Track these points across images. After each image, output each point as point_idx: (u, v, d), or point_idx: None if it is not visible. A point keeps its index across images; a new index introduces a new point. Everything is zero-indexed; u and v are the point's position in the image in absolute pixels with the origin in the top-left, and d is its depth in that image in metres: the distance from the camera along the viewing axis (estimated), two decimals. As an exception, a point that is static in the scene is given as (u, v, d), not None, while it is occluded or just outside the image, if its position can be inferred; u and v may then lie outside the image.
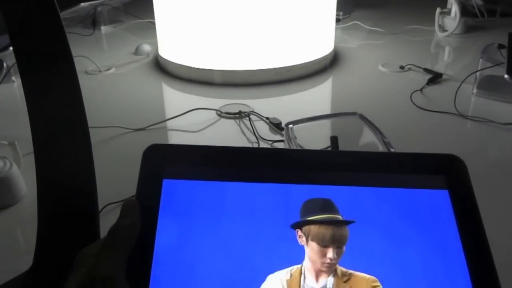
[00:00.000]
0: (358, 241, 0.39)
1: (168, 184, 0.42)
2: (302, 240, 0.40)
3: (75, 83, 0.56)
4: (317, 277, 0.39)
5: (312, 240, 0.39)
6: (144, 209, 0.40)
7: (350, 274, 0.39)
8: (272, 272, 0.38)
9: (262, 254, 0.39)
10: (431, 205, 0.41)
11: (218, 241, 0.40)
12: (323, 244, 0.39)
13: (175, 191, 0.42)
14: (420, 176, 0.42)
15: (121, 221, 0.38)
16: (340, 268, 0.39)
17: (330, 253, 0.39)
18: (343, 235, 0.39)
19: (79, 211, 0.59)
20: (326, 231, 0.40)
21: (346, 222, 0.40)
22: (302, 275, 0.39)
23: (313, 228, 0.40)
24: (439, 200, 0.41)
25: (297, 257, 0.39)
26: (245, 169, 0.42)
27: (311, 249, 0.39)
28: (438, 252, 0.39)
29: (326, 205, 0.41)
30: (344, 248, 0.39)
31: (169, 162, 0.43)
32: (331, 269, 0.39)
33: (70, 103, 0.56)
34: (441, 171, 0.42)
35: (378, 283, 0.38)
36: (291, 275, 0.39)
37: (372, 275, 0.38)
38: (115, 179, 1.00)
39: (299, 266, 0.39)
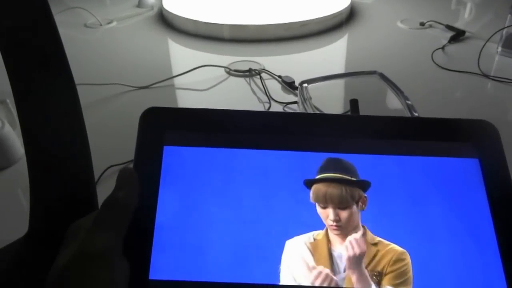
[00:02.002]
0: (383, 210, 0.39)
1: (169, 151, 0.40)
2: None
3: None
4: (343, 242, 0.39)
5: (313, 201, 0.39)
6: (143, 179, 0.38)
7: (379, 241, 0.39)
8: (290, 237, 0.38)
9: (277, 220, 0.38)
10: (460, 175, 0.40)
11: (227, 211, 0.39)
12: (321, 205, 0.39)
13: (177, 159, 0.40)
14: (448, 144, 0.41)
15: (116, 192, 0.36)
16: (370, 234, 0.39)
17: (331, 214, 0.39)
18: (336, 193, 0.39)
19: (72, 176, 0.57)
20: (320, 189, 0.39)
21: (341, 180, 0.40)
22: (328, 240, 0.39)
23: (314, 188, 0.40)
24: (468, 169, 0.40)
25: (316, 222, 0.39)
26: (255, 134, 0.41)
27: (318, 213, 0.39)
28: (467, 225, 0.38)
29: (335, 164, 0.40)
30: (352, 209, 0.39)
31: (170, 127, 0.41)
32: (342, 232, 0.39)
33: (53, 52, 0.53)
34: (471, 138, 0.41)
35: (406, 257, 0.38)
36: (314, 239, 0.39)
37: (399, 244, 0.38)
38: (117, 140, 0.98)
39: (321, 231, 0.39)
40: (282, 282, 0.37)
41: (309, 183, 0.40)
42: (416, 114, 0.91)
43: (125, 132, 1.01)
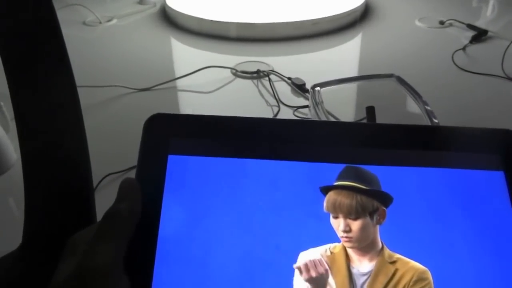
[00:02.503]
0: (403, 225, 0.39)
1: (174, 161, 0.40)
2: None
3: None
4: (360, 259, 0.39)
5: (326, 211, 0.39)
6: (145, 190, 0.38)
7: (398, 258, 0.38)
8: (304, 249, 0.38)
9: (289, 234, 0.38)
10: (484, 189, 0.40)
11: (235, 224, 0.39)
12: (333, 215, 0.39)
13: (183, 169, 0.40)
14: (471, 155, 0.41)
15: (118, 205, 0.36)
16: (388, 251, 0.39)
17: (341, 224, 0.39)
18: (346, 203, 0.39)
19: (71, 184, 0.57)
20: (330, 198, 0.39)
21: (352, 188, 0.40)
22: (346, 254, 0.39)
23: (326, 198, 0.40)
24: (493, 182, 0.40)
25: (332, 235, 0.39)
26: (267, 144, 0.41)
27: (331, 223, 0.39)
28: (491, 242, 0.38)
29: (351, 172, 0.40)
30: (365, 220, 0.39)
31: (176, 134, 0.41)
32: (356, 246, 0.39)
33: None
34: (496, 149, 0.41)
35: (428, 275, 0.37)
36: (331, 252, 0.39)
37: (419, 262, 0.38)
38: (116, 146, 0.98)
39: (338, 244, 0.39)
40: None
41: (324, 191, 0.40)
42: (436, 121, 0.91)
43: (125, 137, 1.01)
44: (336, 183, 0.40)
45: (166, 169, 0.40)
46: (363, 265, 0.39)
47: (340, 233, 0.39)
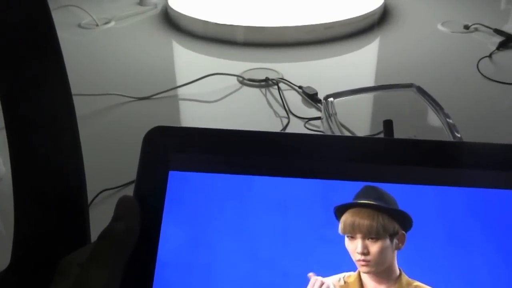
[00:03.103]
0: (422, 249, 0.39)
1: (175, 177, 0.40)
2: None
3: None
4: (377, 286, 0.39)
5: (342, 232, 0.39)
6: (144, 209, 0.38)
7: (417, 286, 0.38)
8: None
9: (299, 260, 0.38)
10: (510, 210, 0.39)
11: (240, 247, 0.39)
12: (349, 235, 0.39)
13: (184, 186, 0.40)
14: (498, 173, 0.40)
15: (115, 224, 0.37)
16: (406, 278, 0.39)
17: (358, 245, 0.39)
18: (364, 220, 0.39)
19: (63, 201, 0.57)
20: (348, 217, 0.39)
21: (369, 205, 0.40)
22: (360, 284, 0.39)
23: (342, 218, 0.39)
24: None
25: (347, 262, 0.39)
26: (275, 159, 0.41)
27: (346, 246, 0.39)
28: None
29: (371, 192, 0.40)
30: (385, 242, 0.39)
31: (177, 149, 0.41)
32: (373, 271, 0.39)
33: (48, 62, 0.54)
34: None
35: None
36: (344, 282, 0.39)
37: None
38: (112, 159, 0.98)
39: (353, 273, 0.39)
40: None
41: (340, 210, 0.40)
42: (458, 135, 0.91)
43: (122, 150, 1.02)
44: (355, 201, 0.40)
45: (167, 186, 0.40)
46: None
47: (356, 256, 0.39)
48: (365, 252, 0.39)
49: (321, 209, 0.40)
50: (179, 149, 0.41)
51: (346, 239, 0.39)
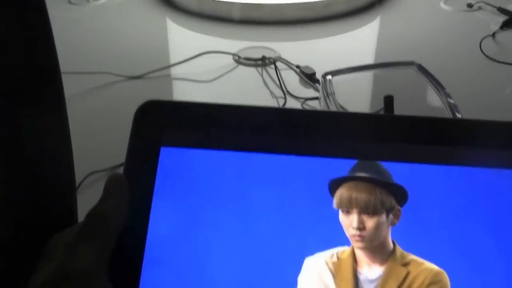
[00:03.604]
0: (419, 225, 0.39)
1: (167, 153, 0.40)
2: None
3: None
4: (370, 263, 0.39)
5: (337, 207, 0.39)
6: (134, 187, 0.38)
7: (412, 260, 0.39)
8: (310, 254, 0.38)
9: (295, 235, 0.39)
10: (508, 188, 0.40)
11: (234, 225, 0.39)
12: (345, 209, 0.39)
13: (176, 163, 0.40)
14: (499, 152, 0.41)
15: (103, 202, 0.37)
16: (400, 250, 0.39)
17: (354, 220, 0.39)
18: (361, 195, 0.39)
19: (48, 182, 0.56)
20: (344, 191, 0.39)
21: (369, 179, 0.40)
22: (354, 259, 0.39)
23: (337, 192, 0.40)
24: None
25: (342, 237, 0.39)
26: (271, 136, 0.41)
27: (341, 221, 0.39)
28: None
29: (368, 166, 0.41)
30: (381, 218, 0.39)
31: (170, 124, 0.41)
32: (367, 246, 0.39)
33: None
34: None
35: (442, 278, 0.38)
36: (338, 258, 0.39)
37: (436, 263, 0.38)
38: (102, 140, 0.98)
39: (346, 248, 0.39)
40: None
41: (336, 184, 0.40)
42: (459, 116, 0.91)
43: (112, 131, 1.01)
44: (351, 175, 0.40)
45: (158, 162, 0.40)
46: (372, 271, 0.39)
47: (351, 231, 0.39)
48: (361, 227, 0.39)
49: (318, 185, 0.40)
50: (171, 124, 0.41)
51: (341, 214, 0.39)
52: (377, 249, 0.39)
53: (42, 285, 0.33)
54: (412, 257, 0.38)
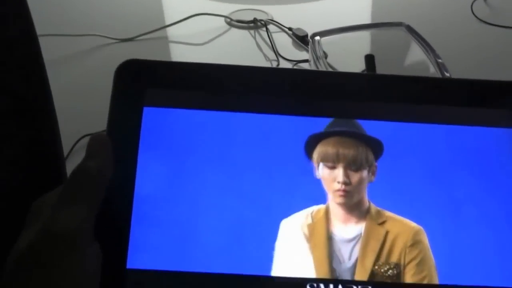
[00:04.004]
0: (400, 182, 0.40)
1: (150, 113, 0.40)
2: (317, 172, 0.40)
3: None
4: (346, 221, 0.39)
5: (319, 162, 0.39)
6: (118, 147, 0.39)
7: (388, 217, 0.39)
8: (287, 215, 0.38)
9: (276, 195, 0.39)
10: (492, 147, 0.41)
11: (217, 185, 0.39)
12: (329, 165, 0.39)
13: (160, 123, 0.40)
14: (481, 110, 0.41)
15: (86, 162, 0.37)
16: (375, 208, 0.39)
17: (340, 175, 0.39)
18: (351, 151, 0.39)
19: (35, 145, 0.56)
20: (329, 145, 0.39)
21: (356, 135, 0.40)
22: (328, 219, 0.39)
23: (319, 147, 0.40)
24: (502, 140, 0.41)
25: (318, 195, 0.39)
26: (252, 95, 0.41)
27: (322, 177, 0.39)
28: (497, 204, 0.39)
29: (343, 122, 0.41)
30: (363, 173, 0.39)
31: (152, 84, 0.41)
32: (347, 202, 0.39)
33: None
34: (507, 103, 0.41)
35: (422, 237, 0.38)
36: (312, 219, 0.39)
37: (415, 222, 0.38)
38: (93, 104, 0.97)
39: (321, 206, 0.39)
40: (274, 272, 0.37)
41: (314, 140, 0.40)
42: (448, 75, 0.91)
43: (103, 94, 1.00)
44: (334, 129, 0.40)
45: (141, 122, 0.40)
46: (348, 230, 0.39)
47: (335, 186, 0.39)
48: (347, 182, 0.39)
49: (298, 144, 0.40)
50: (154, 83, 0.41)
51: (323, 168, 0.39)
52: (354, 207, 0.39)
53: (27, 248, 0.32)
54: (388, 214, 0.39)
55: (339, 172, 0.39)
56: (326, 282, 0.37)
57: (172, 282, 0.37)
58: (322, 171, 0.39)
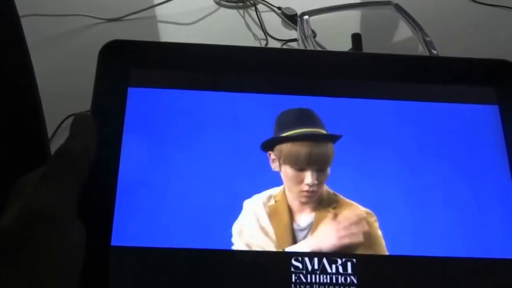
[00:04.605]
0: (368, 166, 0.40)
1: (134, 94, 0.41)
2: (275, 165, 0.40)
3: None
4: (300, 211, 0.39)
5: (285, 162, 0.39)
6: (103, 127, 0.39)
7: (341, 201, 0.39)
8: (249, 196, 0.39)
9: (242, 175, 0.39)
10: (475, 124, 0.41)
11: (193, 164, 0.40)
12: (298, 167, 0.39)
13: (144, 103, 0.41)
14: (464, 87, 0.41)
15: (69, 141, 0.37)
16: (329, 192, 0.39)
17: (308, 177, 0.39)
18: (323, 153, 0.39)
19: (20, 126, 0.56)
20: (300, 149, 0.39)
21: (329, 137, 0.40)
22: (288, 207, 0.39)
23: (285, 147, 0.39)
24: (486, 117, 0.41)
25: (277, 177, 0.40)
26: (235, 74, 0.42)
27: (285, 175, 0.39)
28: (479, 184, 0.39)
29: (304, 117, 0.40)
30: (328, 171, 0.39)
31: (136, 64, 0.41)
32: (312, 199, 0.39)
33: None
34: (491, 81, 0.41)
35: (371, 219, 0.38)
36: (275, 201, 0.39)
37: (370, 209, 0.38)
38: (79, 84, 0.97)
39: (279, 189, 0.39)
40: (236, 246, 0.38)
41: (272, 143, 0.40)
42: (435, 52, 0.91)
43: (89, 75, 1.00)
44: (300, 131, 0.40)
45: (126, 102, 0.40)
46: (303, 218, 0.39)
47: (303, 187, 0.39)
48: (316, 183, 0.39)
49: (270, 123, 0.41)
50: (138, 64, 0.41)
51: (288, 171, 0.39)
52: (316, 201, 0.40)
53: (8, 227, 0.32)
54: (342, 198, 0.39)
55: (307, 174, 0.39)
56: (310, 256, 0.37)
57: (154, 257, 0.37)
58: (287, 170, 0.39)
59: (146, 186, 0.39)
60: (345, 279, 0.37)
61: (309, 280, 0.37)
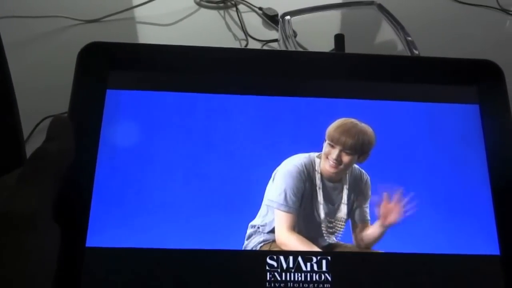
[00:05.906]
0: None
1: (113, 96, 0.41)
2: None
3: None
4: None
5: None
6: (80, 130, 0.39)
7: None
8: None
9: (218, 176, 0.40)
10: (455, 123, 0.41)
11: (178, 166, 0.40)
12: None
13: (123, 105, 0.40)
14: (443, 87, 0.42)
15: (46, 144, 0.36)
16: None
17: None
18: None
19: None
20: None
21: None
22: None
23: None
24: (466, 116, 0.42)
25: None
26: (215, 76, 0.42)
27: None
28: (458, 180, 0.40)
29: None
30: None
31: (115, 66, 0.41)
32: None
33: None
34: (471, 81, 0.42)
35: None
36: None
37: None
38: (57, 86, 0.96)
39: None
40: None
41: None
42: (416, 52, 0.92)
43: (67, 77, 1.00)
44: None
45: (104, 105, 0.40)
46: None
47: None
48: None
49: (257, 124, 0.41)
50: (117, 66, 0.41)
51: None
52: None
53: None
54: None
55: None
56: (285, 254, 0.38)
57: (129, 258, 0.37)
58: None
59: (122, 188, 0.39)
60: (320, 277, 0.37)
61: (283, 278, 0.37)
